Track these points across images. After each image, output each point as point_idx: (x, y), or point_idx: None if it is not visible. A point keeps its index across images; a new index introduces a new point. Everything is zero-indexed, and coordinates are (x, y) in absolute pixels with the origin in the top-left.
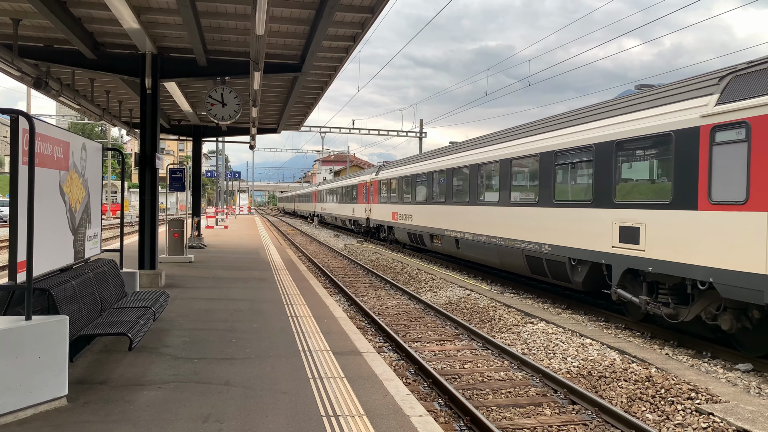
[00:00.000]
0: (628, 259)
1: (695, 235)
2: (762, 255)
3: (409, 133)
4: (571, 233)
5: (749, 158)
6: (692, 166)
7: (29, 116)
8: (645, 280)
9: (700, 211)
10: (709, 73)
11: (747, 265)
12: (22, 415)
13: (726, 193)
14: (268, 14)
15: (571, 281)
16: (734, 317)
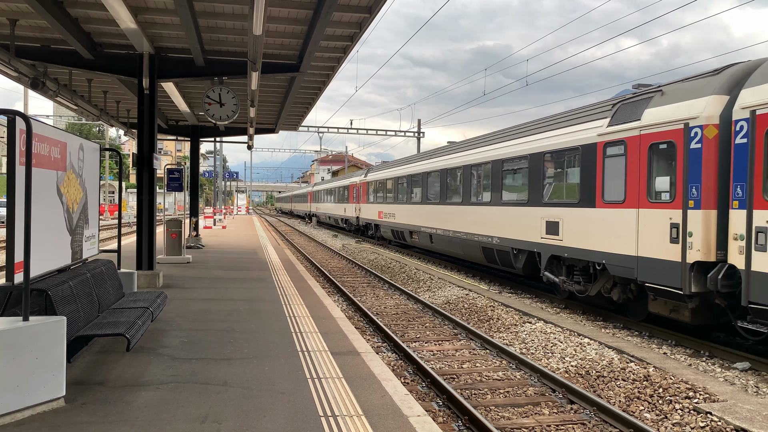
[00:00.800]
0: (551, 247)
1: (593, 227)
2: (633, 241)
3: (407, 133)
4: (513, 228)
5: (626, 168)
6: (592, 174)
7: (26, 117)
8: (564, 264)
9: (597, 208)
10: (609, 99)
11: (625, 250)
12: (19, 416)
13: (612, 195)
14: (265, 14)
15: (515, 267)
16: (621, 290)
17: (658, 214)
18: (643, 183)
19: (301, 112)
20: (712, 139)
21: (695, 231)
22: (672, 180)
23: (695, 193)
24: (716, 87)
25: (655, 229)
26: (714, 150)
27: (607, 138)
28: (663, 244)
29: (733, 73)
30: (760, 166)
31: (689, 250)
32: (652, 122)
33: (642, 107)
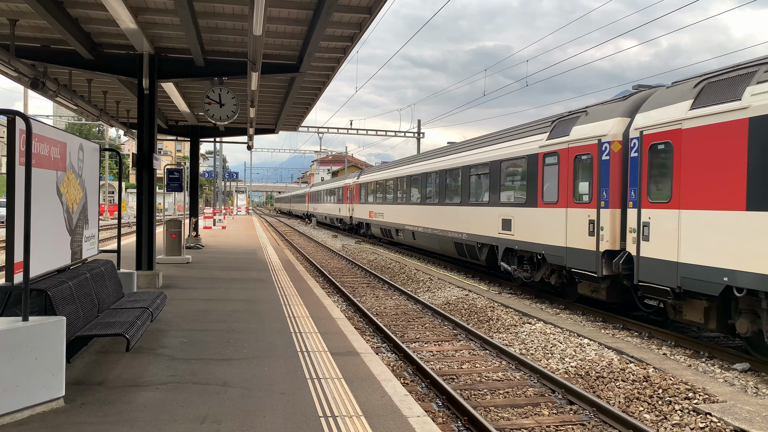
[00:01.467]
0: (506, 241)
1: (536, 224)
2: (563, 235)
3: (407, 134)
4: (478, 225)
5: (558, 175)
6: (535, 179)
7: (26, 117)
8: (516, 255)
9: (538, 208)
10: (550, 116)
11: (558, 242)
12: (19, 417)
13: (549, 197)
14: (265, 15)
15: (479, 259)
16: (557, 276)
17: (581, 213)
18: (570, 187)
19: (301, 113)
20: (617, 153)
21: (605, 226)
22: (590, 185)
23: (605, 195)
24: (621, 111)
25: (578, 224)
26: (618, 161)
27: (545, 149)
28: (583, 237)
29: (635, 99)
30: (645, 175)
31: (601, 241)
32: (577, 137)
33: (571, 125)
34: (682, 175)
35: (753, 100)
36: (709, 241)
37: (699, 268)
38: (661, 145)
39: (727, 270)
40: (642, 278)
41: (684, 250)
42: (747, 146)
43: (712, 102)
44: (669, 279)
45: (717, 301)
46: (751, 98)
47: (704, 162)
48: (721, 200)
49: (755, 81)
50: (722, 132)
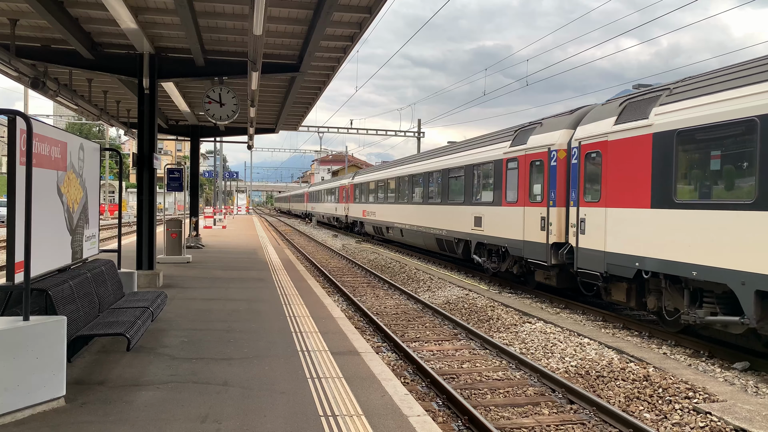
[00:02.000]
0: (478, 236)
1: (501, 220)
2: (521, 230)
3: (407, 133)
4: (455, 222)
5: (518, 178)
6: (500, 181)
7: (27, 117)
8: (486, 249)
9: (502, 206)
10: (514, 126)
11: (517, 236)
12: (20, 416)
13: (511, 197)
14: (265, 14)
15: (457, 253)
16: (518, 266)
17: (535, 211)
18: (527, 188)
19: (301, 112)
20: (563, 159)
21: (553, 222)
22: (542, 186)
23: (553, 195)
24: (567, 123)
25: (533, 221)
26: (564, 167)
27: (508, 156)
28: (537, 232)
29: (578, 114)
30: (582, 178)
31: (550, 235)
32: (533, 145)
33: (529, 134)
34: (607, 179)
35: (656, 119)
36: (625, 234)
37: (619, 256)
38: (593, 154)
39: (638, 257)
40: (580, 266)
41: (609, 242)
42: (651, 156)
43: (629, 119)
44: (599, 265)
45: (633, 283)
46: (655, 117)
47: (623, 168)
48: (634, 200)
49: (658, 103)
50: (635, 144)
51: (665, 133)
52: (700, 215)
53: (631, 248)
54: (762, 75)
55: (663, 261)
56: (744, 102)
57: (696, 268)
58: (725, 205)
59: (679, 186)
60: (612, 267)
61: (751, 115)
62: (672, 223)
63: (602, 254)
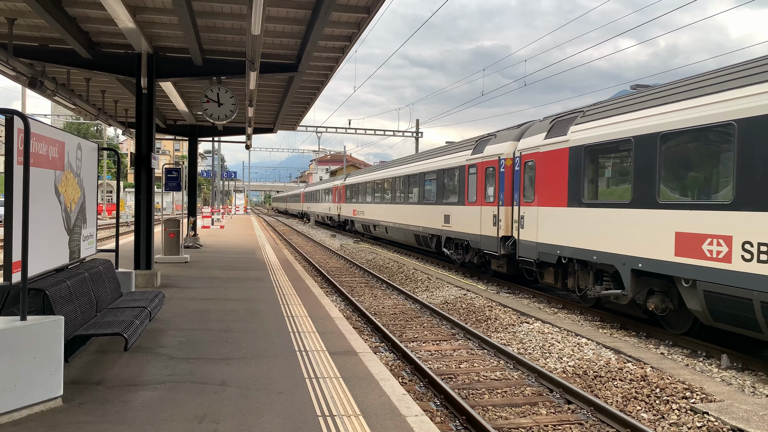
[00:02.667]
0: (447, 232)
1: (464, 218)
2: (478, 226)
3: (405, 133)
4: (429, 220)
5: (476, 182)
6: (463, 184)
7: (24, 116)
8: (453, 243)
9: (465, 206)
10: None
11: (475, 231)
12: (17, 416)
13: (471, 197)
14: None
15: (431, 247)
16: (479, 257)
17: (489, 209)
18: (483, 190)
19: (299, 112)
20: (509, 166)
21: (502, 219)
22: (494, 189)
23: (502, 197)
24: (514, 136)
25: (487, 218)
26: (510, 173)
27: (469, 162)
28: (490, 227)
29: (523, 128)
30: (522, 182)
31: (499, 229)
32: (487, 154)
33: (485, 144)
34: (538, 183)
35: (571, 135)
36: (550, 227)
37: (546, 246)
38: (530, 162)
39: (558, 246)
40: (520, 254)
41: (540, 234)
42: (568, 165)
43: (554, 135)
44: (533, 254)
45: (558, 268)
46: (571, 134)
47: (549, 174)
48: (556, 200)
49: (574, 123)
50: (557, 155)
51: (577, 148)
52: (598, 212)
53: (554, 239)
54: (637, 105)
55: (575, 249)
56: (625, 125)
57: (595, 253)
58: (613, 204)
59: (585, 189)
60: (542, 254)
61: (629, 136)
62: (580, 218)
63: (535, 244)
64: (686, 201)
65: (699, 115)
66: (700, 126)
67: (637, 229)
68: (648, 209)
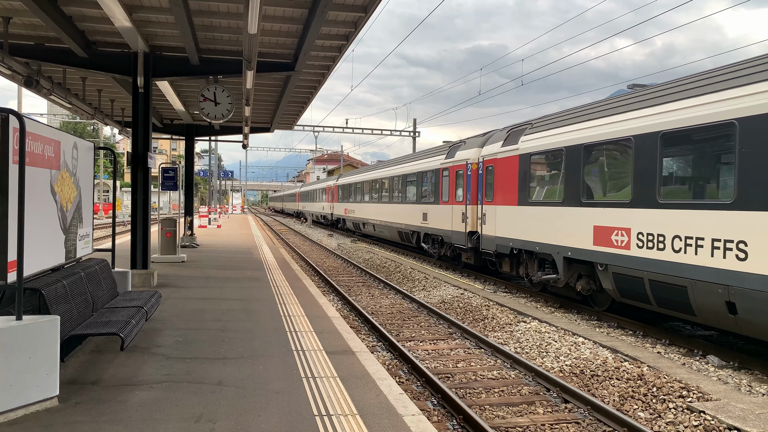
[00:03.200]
0: (425, 228)
1: (439, 215)
2: (450, 222)
3: (403, 133)
4: (410, 217)
5: (449, 183)
6: (437, 185)
7: (20, 115)
8: (430, 238)
9: (439, 205)
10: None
11: (447, 227)
12: (12, 416)
13: (444, 197)
14: (260, 13)
15: (412, 242)
16: (452, 251)
17: (459, 208)
18: (454, 191)
19: (296, 111)
20: (475, 170)
21: (469, 216)
22: (462, 190)
23: (469, 197)
24: (479, 143)
25: (457, 215)
26: (475, 175)
27: (443, 166)
28: (459, 223)
29: (488, 136)
30: (484, 185)
31: (467, 225)
32: (457, 159)
33: (456, 150)
34: (496, 185)
35: (521, 145)
36: (505, 223)
37: (503, 239)
38: (490, 167)
39: (511, 239)
40: (483, 247)
41: (497, 229)
42: (518, 170)
43: (509, 144)
44: (492, 246)
45: (512, 258)
46: (521, 144)
47: (504, 178)
48: (509, 200)
49: (524, 134)
50: (510, 161)
51: (525, 155)
52: (539, 210)
53: (508, 233)
54: (570, 120)
55: (524, 241)
56: (560, 137)
57: (538, 245)
58: (550, 203)
59: (530, 190)
60: (499, 246)
61: (562, 146)
62: (527, 215)
63: (494, 238)
64: (601, 200)
65: (607, 131)
66: (608, 140)
67: (567, 224)
68: (574, 207)
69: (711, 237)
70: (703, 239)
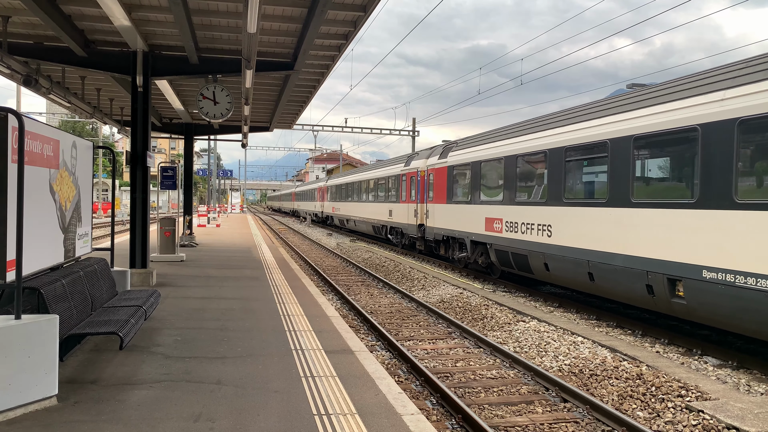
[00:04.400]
0: (391, 222)
1: (400, 212)
2: (406, 216)
3: (402, 132)
4: (381, 214)
5: (407, 186)
6: (399, 188)
7: (19, 114)
8: (394, 230)
9: (400, 203)
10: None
11: (404, 221)
12: (11, 415)
13: (403, 197)
14: (260, 12)
15: (382, 235)
16: (409, 241)
17: (412, 206)
18: (409, 192)
19: (295, 111)
20: (423, 176)
21: (419, 212)
22: (414, 191)
23: (419, 197)
24: (427, 155)
25: (411, 212)
26: (423, 180)
27: (402, 172)
28: (412, 218)
29: (433, 150)
30: (428, 188)
31: (418, 219)
32: (411, 167)
33: (412, 160)
34: (434, 188)
35: (449, 159)
36: (439, 217)
37: (438, 229)
38: (431, 174)
39: (443, 228)
40: (426, 236)
41: (435, 222)
42: (447, 178)
43: (442, 157)
44: (432, 235)
45: (445, 244)
46: (449, 158)
47: (439, 183)
48: (442, 199)
49: (452, 150)
50: (442, 171)
51: (451, 166)
52: (457, 207)
53: (441, 225)
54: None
55: (450, 230)
56: (469, 155)
57: (456, 232)
58: (463, 202)
59: (454, 192)
60: (436, 235)
61: (469, 161)
62: (452, 211)
63: (433, 228)
64: (488, 199)
65: (494, 152)
66: (492, 158)
67: (471, 217)
68: (475, 204)
69: (537, 223)
70: (533, 224)
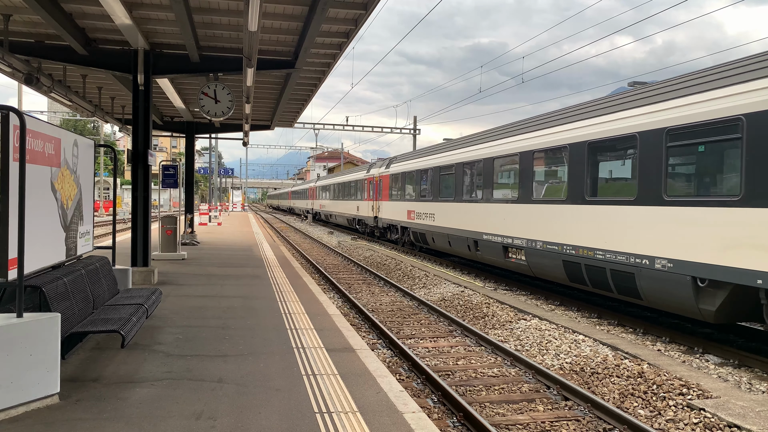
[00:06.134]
0: (358, 215)
1: (363, 207)
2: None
3: (403, 130)
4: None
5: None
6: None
7: (20, 112)
8: (361, 222)
9: (364, 201)
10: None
11: (365, 214)
12: (13, 413)
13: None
14: (261, 10)
15: (353, 226)
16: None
17: (371, 203)
18: (369, 192)
19: (296, 109)
20: (377, 181)
21: (374, 207)
22: (372, 192)
23: (375, 195)
24: (379, 165)
25: (370, 207)
26: (377, 184)
27: (365, 177)
28: (371, 212)
29: (385, 161)
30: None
31: (373, 212)
32: (371, 174)
33: (371, 168)
34: (383, 190)
35: (390, 169)
36: (385, 211)
37: (385, 219)
38: (382, 180)
39: (387, 218)
40: (379, 226)
41: (383, 214)
42: (389, 182)
43: (387, 167)
44: (382, 224)
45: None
46: (390, 168)
47: (385, 186)
48: (386, 198)
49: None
50: (387, 177)
51: (392, 174)
52: (394, 203)
53: (386, 216)
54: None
55: (391, 219)
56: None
57: (393, 221)
58: (397, 198)
59: (391, 192)
60: (383, 224)
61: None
62: (392, 206)
63: (383, 219)
64: (408, 197)
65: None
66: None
67: (401, 209)
68: (402, 201)
69: (430, 212)
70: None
